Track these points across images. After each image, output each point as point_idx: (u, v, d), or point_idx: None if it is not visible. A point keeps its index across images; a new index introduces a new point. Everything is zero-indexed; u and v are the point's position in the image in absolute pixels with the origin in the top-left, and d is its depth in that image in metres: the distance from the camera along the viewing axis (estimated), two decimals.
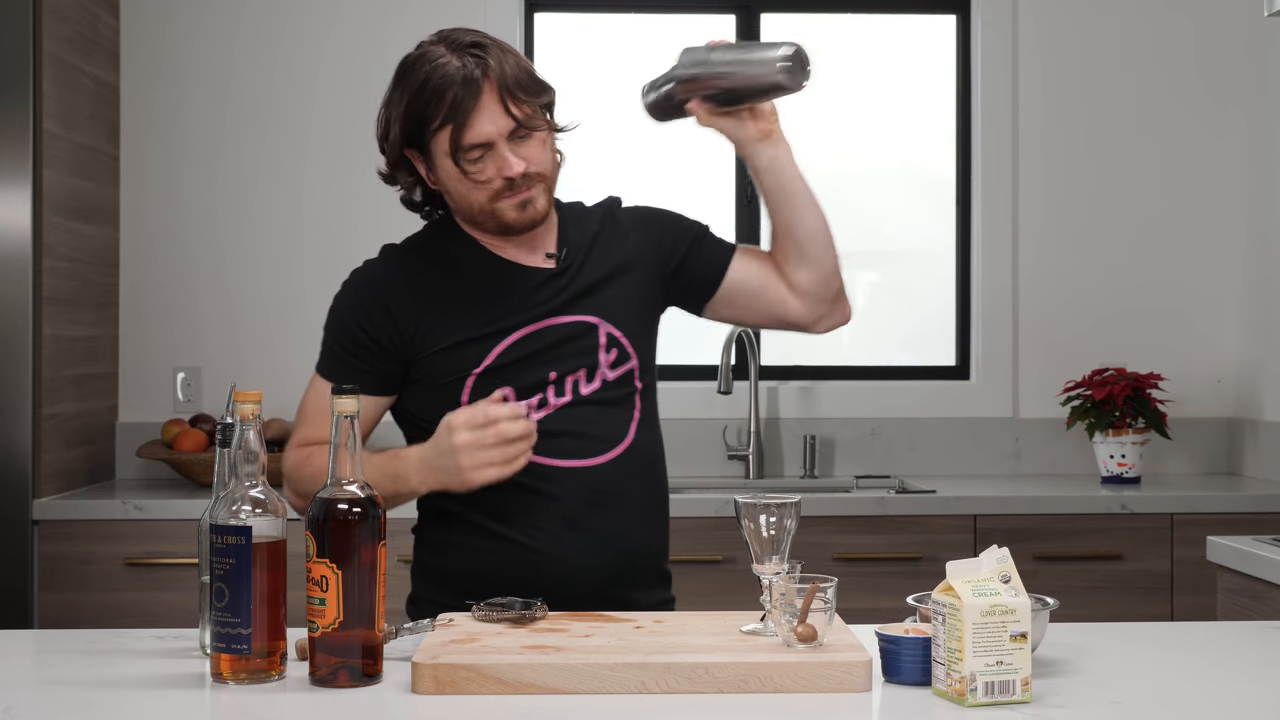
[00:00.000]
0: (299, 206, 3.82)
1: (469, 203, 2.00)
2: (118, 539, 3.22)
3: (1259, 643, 1.86)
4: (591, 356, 2.03)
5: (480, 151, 1.95)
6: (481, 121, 1.93)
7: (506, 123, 1.94)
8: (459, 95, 1.92)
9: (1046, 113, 3.89)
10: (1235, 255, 3.88)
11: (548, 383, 2.00)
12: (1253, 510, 3.32)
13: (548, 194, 2.02)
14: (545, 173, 1.99)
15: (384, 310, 2.03)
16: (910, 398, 3.87)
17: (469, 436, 1.85)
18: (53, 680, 1.67)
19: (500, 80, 1.93)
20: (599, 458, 2.01)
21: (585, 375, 2.02)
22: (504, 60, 1.95)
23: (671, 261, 2.13)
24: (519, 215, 1.99)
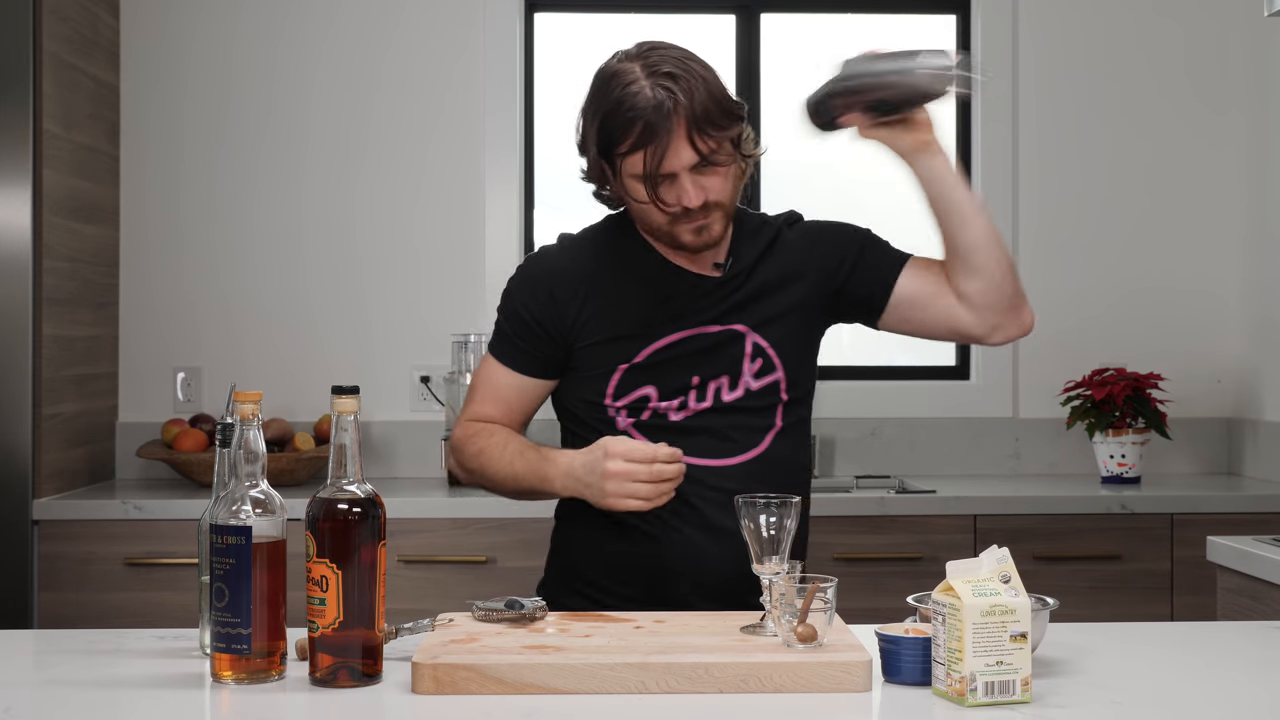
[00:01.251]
0: (299, 206, 3.82)
1: (648, 220, 2.04)
2: (118, 539, 3.22)
3: (1259, 643, 1.86)
4: (736, 365, 2.07)
5: (664, 179, 1.98)
6: (668, 155, 1.95)
7: (691, 156, 1.96)
8: (649, 125, 1.94)
9: (1046, 113, 3.89)
10: (1235, 255, 3.88)
11: (690, 386, 2.05)
12: (1253, 510, 3.32)
13: (725, 220, 2.05)
14: (724, 201, 2.02)
15: (551, 297, 2.08)
16: (910, 398, 3.87)
17: (623, 467, 1.92)
18: (53, 680, 1.67)
19: (690, 115, 1.94)
20: (730, 459, 2.05)
21: (728, 383, 2.07)
22: (695, 91, 1.95)
23: (837, 277, 2.15)
24: (694, 239, 2.03)
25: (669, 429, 2.04)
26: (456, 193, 3.84)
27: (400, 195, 3.85)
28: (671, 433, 2.04)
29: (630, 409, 2.05)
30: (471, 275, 3.81)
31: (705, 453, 2.04)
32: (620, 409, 2.06)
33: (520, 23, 3.89)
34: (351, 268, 3.84)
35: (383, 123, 3.84)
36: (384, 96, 3.84)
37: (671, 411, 2.05)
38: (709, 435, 2.05)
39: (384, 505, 1.60)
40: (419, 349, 3.80)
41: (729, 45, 3.96)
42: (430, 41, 3.84)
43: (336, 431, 1.59)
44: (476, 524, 3.23)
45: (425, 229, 3.84)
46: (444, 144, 3.84)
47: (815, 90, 2.07)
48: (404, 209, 3.84)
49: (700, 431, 2.05)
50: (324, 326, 3.82)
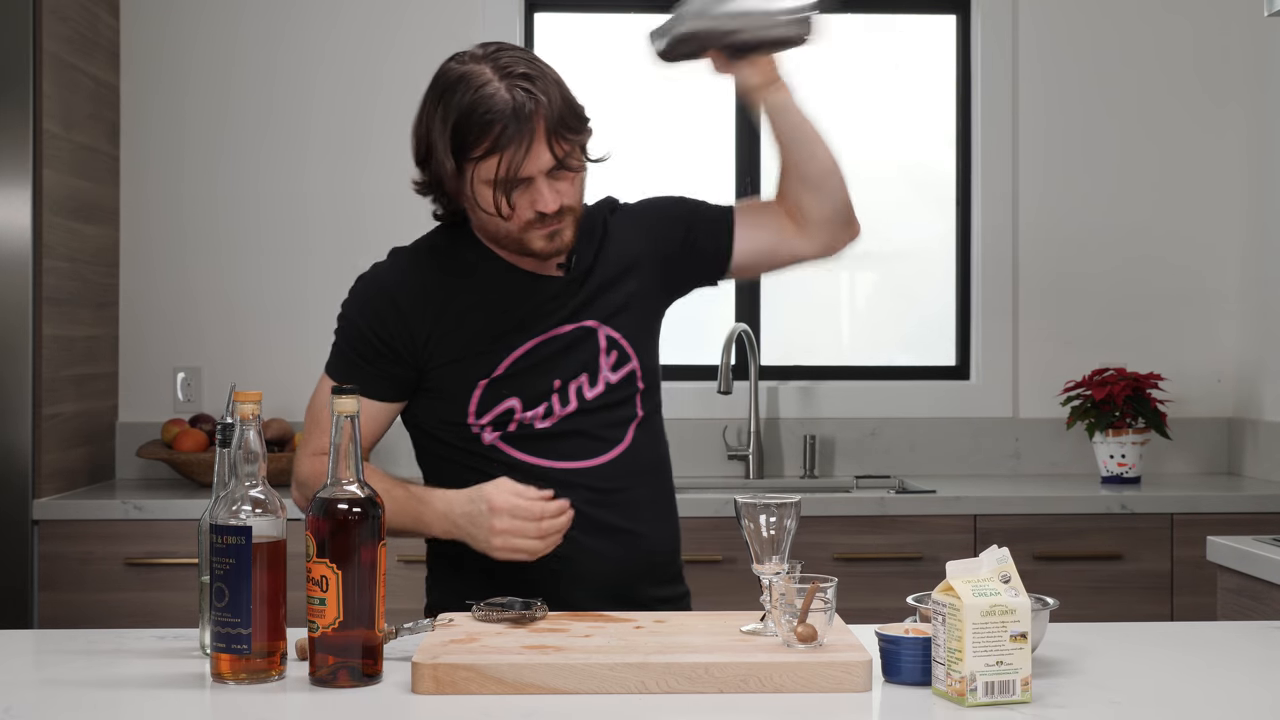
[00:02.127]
0: (299, 206, 3.82)
1: (496, 228, 1.99)
2: (118, 539, 3.22)
3: (1259, 643, 1.86)
4: (593, 361, 2.04)
5: (520, 184, 1.94)
6: (527, 159, 1.91)
7: (549, 160, 1.93)
8: (508, 130, 1.89)
9: (1046, 112, 3.89)
10: (1235, 255, 3.88)
11: (552, 390, 2.01)
12: (1253, 510, 3.32)
13: (575, 225, 2.00)
14: (575, 206, 1.99)
15: (397, 314, 2.03)
16: (910, 398, 3.87)
17: (510, 524, 1.89)
18: (53, 680, 1.67)
19: (548, 118, 1.91)
20: (598, 458, 2.02)
21: (588, 380, 2.03)
22: (550, 94, 1.93)
23: (675, 258, 2.13)
24: (546, 245, 1.98)
25: (536, 437, 2.00)
26: None
27: (400, 195, 3.81)
28: (540, 440, 2.00)
29: (495, 423, 2.00)
30: None
31: (575, 455, 2.01)
32: (485, 425, 2.00)
33: (520, 23, 3.89)
34: (352, 267, 3.80)
35: (383, 122, 3.84)
36: (384, 96, 3.84)
37: (537, 420, 2.00)
38: (577, 437, 2.02)
39: (384, 505, 1.60)
40: None
41: None
42: (431, 42, 3.83)
43: (336, 431, 1.59)
44: None
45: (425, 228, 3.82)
46: None
47: (669, 22, 2.10)
48: (404, 209, 3.82)
49: (568, 435, 2.01)
50: (324, 326, 3.78)
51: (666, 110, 3.95)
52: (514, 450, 2.00)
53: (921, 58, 4.03)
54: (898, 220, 4.04)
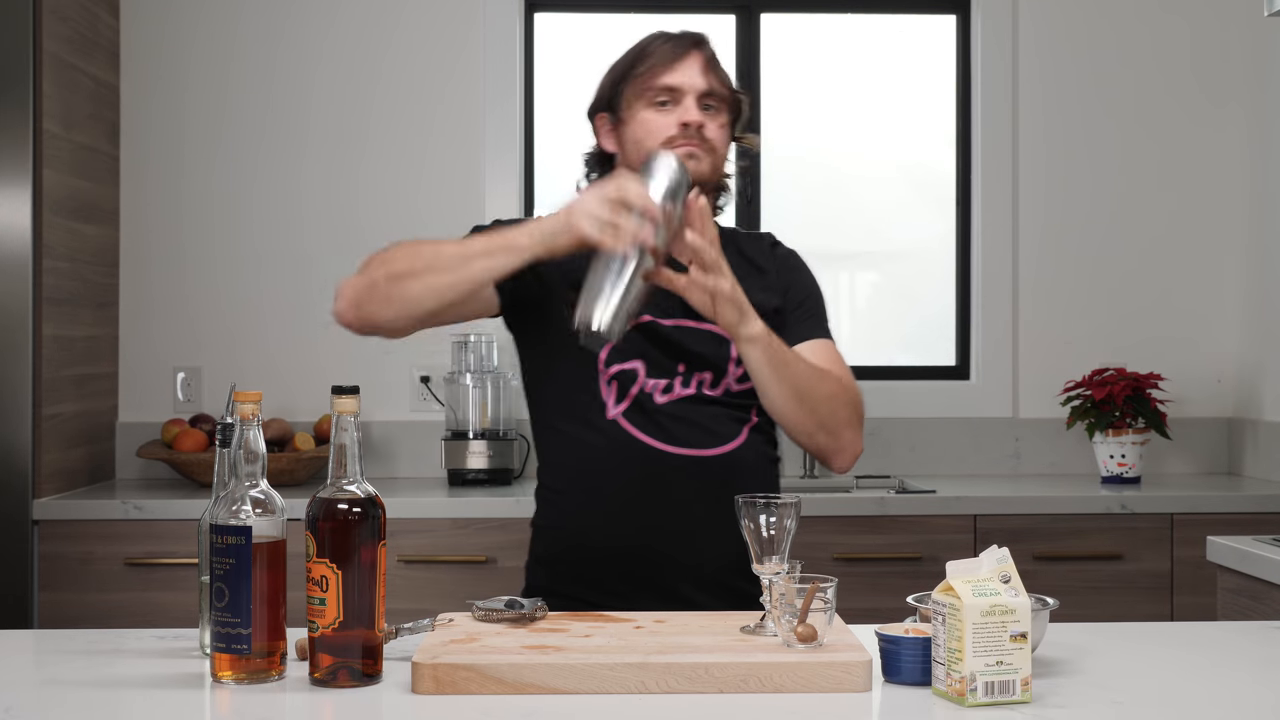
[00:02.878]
0: (299, 206, 3.82)
1: (640, 150, 2.08)
2: (118, 539, 3.22)
3: (1259, 643, 1.86)
4: (721, 367, 2.09)
5: (668, 98, 2.10)
6: (682, 71, 2.10)
7: (702, 83, 2.10)
8: (670, 48, 2.12)
9: (1046, 113, 3.89)
10: (1235, 255, 3.88)
11: (676, 372, 2.07)
12: (1253, 510, 3.32)
13: (712, 166, 2.11)
14: (716, 145, 2.11)
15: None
16: (910, 398, 3.87)
17: (592, 192, 1.90)
18: (53, 680, 1.66)
19: (709, 57, 2.14)
20: (712, 449, 2.06)
21: (711, 380, 2.08)
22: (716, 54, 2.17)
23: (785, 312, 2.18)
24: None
25: (654, 413, 2.04)
26: (456, 193, 3.84)
27: (400, 195, 3.85)
28: (657, 416, 2.04)
29: (620, 380, 2.04)
30: None
31: (689, 442, 2.05)
32: (611, 379, 2.05)
33: (520, 23, 3.89)
34: (352, 268, 3.82)
35: (383, 123, 3.84)
36: (384, 97, 3.84)
37: (658, 393, 2.05)
38: (693, 424, 2.06)
39: (384, 505, 1.60)
40: (419, 349, 3.79)
41: (729, 45, 3.95)
42: (430, 42, 3.84)
43: (336, 431, 1.59)
44: (476, 524, 3.23)
45: (425, 229, 3.83)
46: (444, 144, 3.84)
47: (603, 330, 1.86)
48: (404, 209, 3.84)
49: (684, 419, 2.05)
50: (324, 326, 3.81)
51: None
52: (632, 427, 2.04)
53: (921, 58, 4.03)
54: (898, 220, 4.04)
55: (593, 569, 2.05)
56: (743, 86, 3.91)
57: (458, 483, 3.52)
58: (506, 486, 3.51)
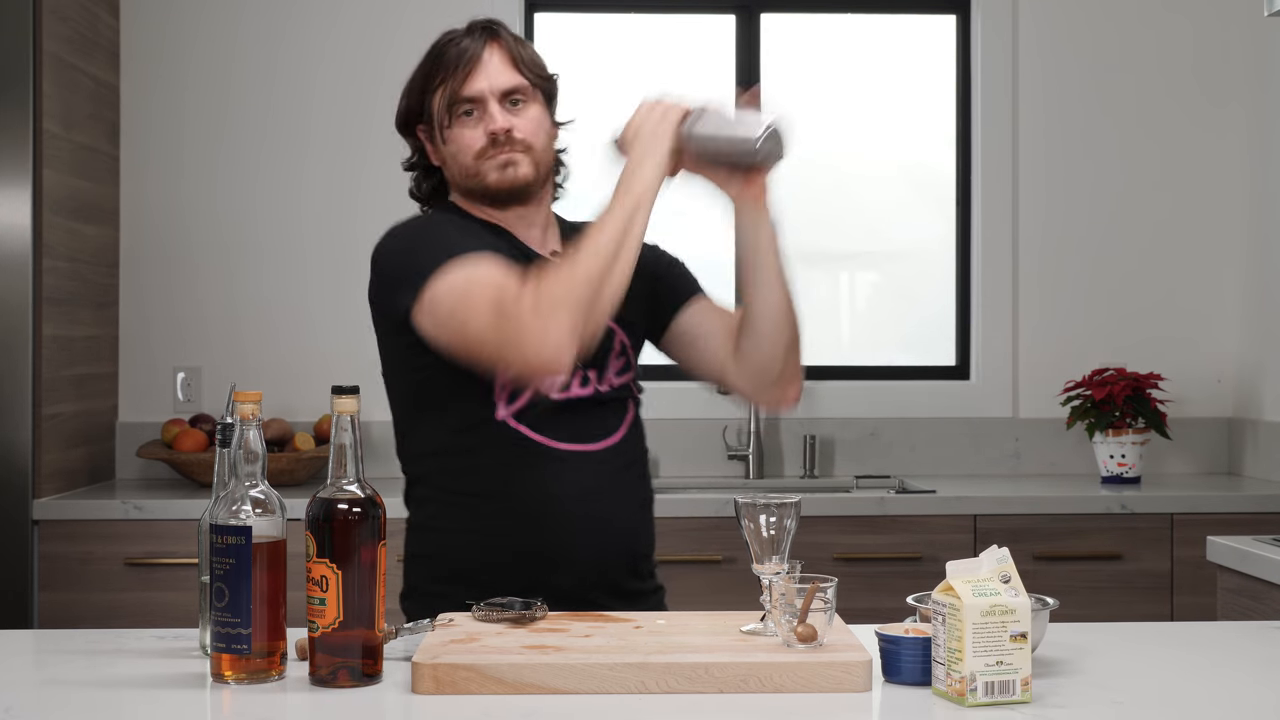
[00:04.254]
0: (299, 206, 3.82)
1: (458, 165, 2.06)
2: (118, 539, 3.22)
3: (1259, 643, 1.86)
4: (603, 358, 2.04)
5: (472, 107, 2.03)
6: (477, 77, 2.02)
7: (501, 80, 2.02)
8: (462, 50, 2.03)
9: (1046, 112, 3.89)
10: (1235, 255, 3.88)
11: None
12: (1253, 510, 3.32)
13: (534, 166, 2.03)
14: (531, 142, 2.03)
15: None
16: (910, 398, 3.87)
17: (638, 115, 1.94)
18: (53, 680, 1.66)
19: (507, 45, 2.04)
20: (597, 443, 2.02)
21: (596, 374, 2.03)
22: (515, 37, 2.07)
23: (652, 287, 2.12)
24: (499, 176, 2.02)
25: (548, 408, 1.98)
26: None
27: (401, 195, 3.81)
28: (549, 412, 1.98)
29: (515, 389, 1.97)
30: None
31: (578, 438, 2.00)
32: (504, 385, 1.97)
33: (520, 23, 3.89)
34: (352, 268, 3.82)
35: (383, 123, 3.80)
36: (384, 97, 3.80)
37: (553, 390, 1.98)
38: (580, 420, 2.01)
39: (384, 505, 1.60)
40: None
41: (729, 45, 3.96)
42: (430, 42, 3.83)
43: (336, 431, 1.59)
44: None
45: None
46: None
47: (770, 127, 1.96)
48: (404, 209, 3.83)
49: (573, 416, 2.00)
50: (324, 326, 3.82)
51: None
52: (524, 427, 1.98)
53: (921, 58, 4.03)
54: (898, 220, 4.04)
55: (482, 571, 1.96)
56: (741, 86, 3.92)
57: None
58: None
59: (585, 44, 3.98)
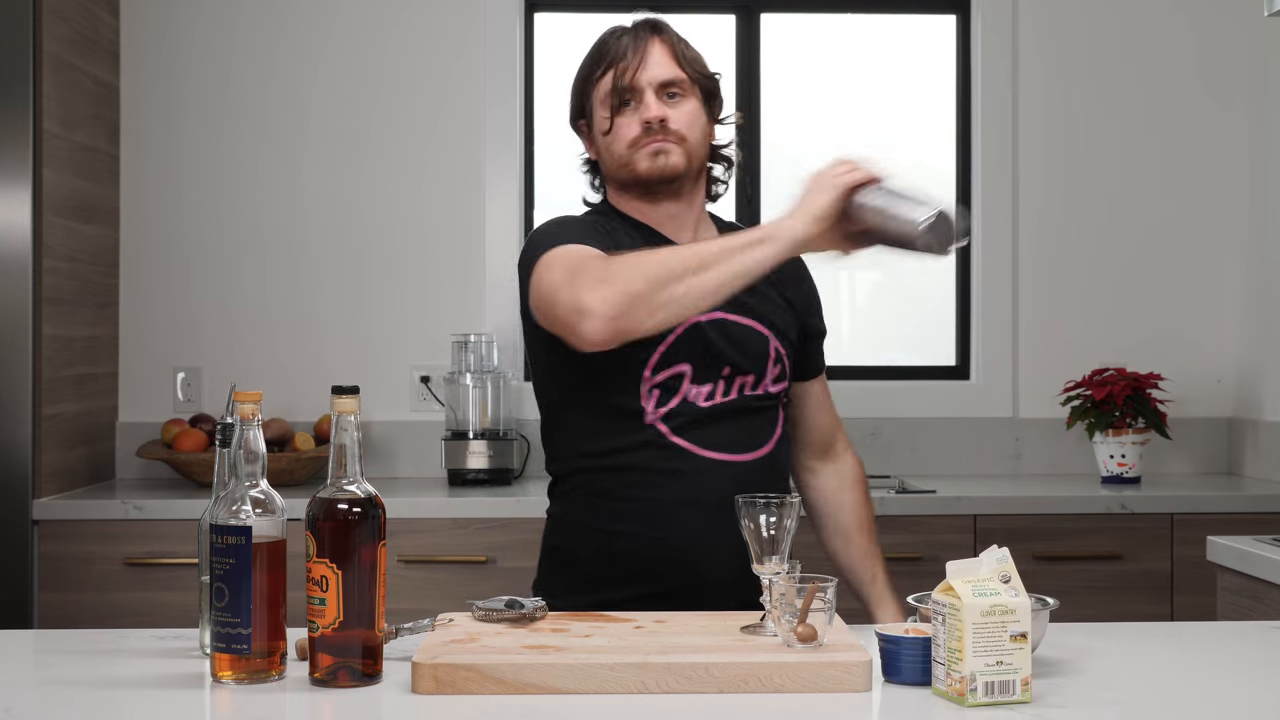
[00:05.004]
0: (299, 206, 3.82)
1: (611, 155, 2.07)
2: (118, 539, 3.22)
3: (1259, 643, 1.86)
4: (761, 365, 2.06)
5: (630, 98, 2.05)
6: (636, 68, 2.04)
7: (660, 73, 2.05)
8: (624, 43, 2.06)
9: (1046, 113, 3.89)
10: (1235, 255, 3.88)
11: (720, 376, 2.03)
12: (1253, 510, 3.32)
13: (686, 157, 2.06)
14: (685, 134, 2.06)
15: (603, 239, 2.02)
16: (910, 398, 3.87)
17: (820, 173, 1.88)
18: (53, 680, 1.66)
19: (669, 40, 2.07)
20: (747, 454, 2.04)
21: (753, 381, 2.06)
22: (678, 34, 2.10)
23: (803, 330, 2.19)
24: (650, 164, 2.04)
25: (696, 419, 2.00)
26: (457, 193, 3.84)
27: (400, 195, 3.85)
28: (698, 423, 2.01)
29: (664, 389, 2.00)
30: (472, 275, 3.82)
31: (727, 447, 2.02)
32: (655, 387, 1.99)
33: (520, 23, 3.89)
34: (352, 268, 3.84)
35: (383, 123, 3.84)
36: (384, 97, 3.84)
37: (701, 399, 2.01)
38: (731, 429, 2.03)
39: (384, 505, 1.60)
40: (419, 349, 3.80)
41: (729, 45, 3.96)
42: (430, 42, 3.84)
43: (336, 431, 1.59)
44: (476, 524, 3.23)
45: (425, 229, 3.84)
46: (444, 144, 3.84)
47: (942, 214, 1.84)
48: (404, 209, 3.85)
49: (724, 424, 2.03)
50: (324, 326, 3.82)
51: None
52: (672, 434, 2.00)
53: (921, 58, 4.03)
54: None
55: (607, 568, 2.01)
56: (742, 90, 3.92)
57: (458, 483, 3.52)
58: (506, 486, 3.51)
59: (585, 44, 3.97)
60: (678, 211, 2.10)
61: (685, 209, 2.11)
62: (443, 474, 3.62)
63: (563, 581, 2.07)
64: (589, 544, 2.05)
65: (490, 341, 3.67)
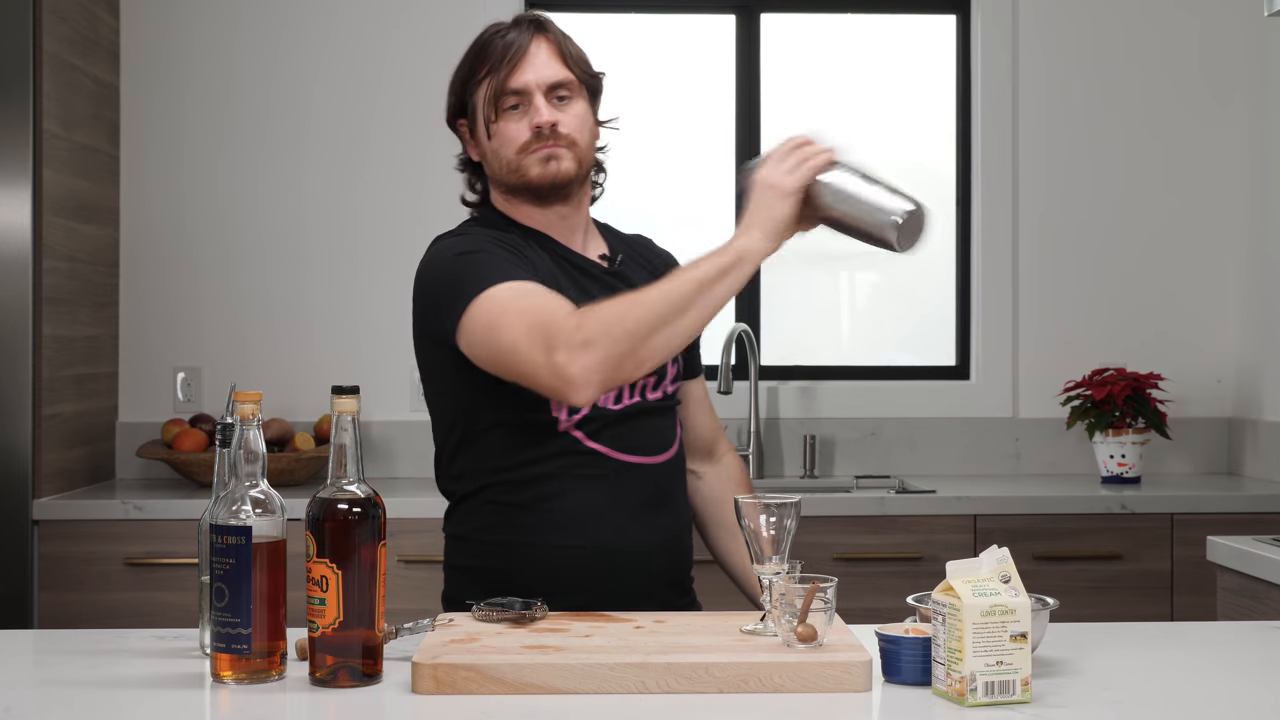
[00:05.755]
0: (299, 205, 3.82)
1: (500, 160, 2.02)
2: (118, 539, 3.22)
3: (1259, 643, 1.86)
4: (663, 367, 2.02)
5: (517, 101, 1.99)
6: (523, 69, 1.99)
7: (548, 74, 2.00)
8: (509, 43, 2.00)
9: (1047, 113, 3.89)
10: (1235, 255, 3.88)
11: None
12: (1253, 510, 3.32)
13: (576, 162, 2.01)
14: (576, 139, 2.01)
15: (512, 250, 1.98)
16: (910, 398, 3.87)
17: (767, 165, 1.84)
18: (53, 680, 1.67)
19: (554, 39, 2.03)
20: (658, 456, 2.02)
21: (654, 382, 2.04)
22: (562, 32, 2.06)
23: None
24: (542, 170, 2.00)
25: (608, 421, 1.97)
26: (456, 193, 3.81)
27: (400, 195, 3.85)
28: (610, 426, 1.97)
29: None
30: None
31: (639, 449, 2.00)
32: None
33: None
34: (352, 267, 3.84)
35: (383, 123, 3.84)
36: (384, 97, 3.84)
37: (610, 402, 1.98)
38: (642, 431, 2.00)
39: (384, 505, 1.60)
40: None
41: (729, 45, 3.95)
42: (429, 41, 3.84)
43: (336, 431, 1.59)
44: None
45: (425, 229, 3.81)
46: (444, 144, 3.80)
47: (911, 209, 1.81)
48: (404, 209, 3.84)
49: (634, 427, 2.00)
50: (324, 326, 3.82)
51: (667, 110, 3.95)
52: (588, 439, 1.97)
53: (921, 58, 4.03)
54: None
55: (549, 579, 1.93)
56: (742, 90, 3.92)
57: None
58: None
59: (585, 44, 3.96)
60: (567, 213, 2.05)
61: (574, 211, 2.06)
62: None
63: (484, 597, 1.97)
64: (508, 558, 1.98)
65: None
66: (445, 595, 2.07)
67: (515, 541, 1.99)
